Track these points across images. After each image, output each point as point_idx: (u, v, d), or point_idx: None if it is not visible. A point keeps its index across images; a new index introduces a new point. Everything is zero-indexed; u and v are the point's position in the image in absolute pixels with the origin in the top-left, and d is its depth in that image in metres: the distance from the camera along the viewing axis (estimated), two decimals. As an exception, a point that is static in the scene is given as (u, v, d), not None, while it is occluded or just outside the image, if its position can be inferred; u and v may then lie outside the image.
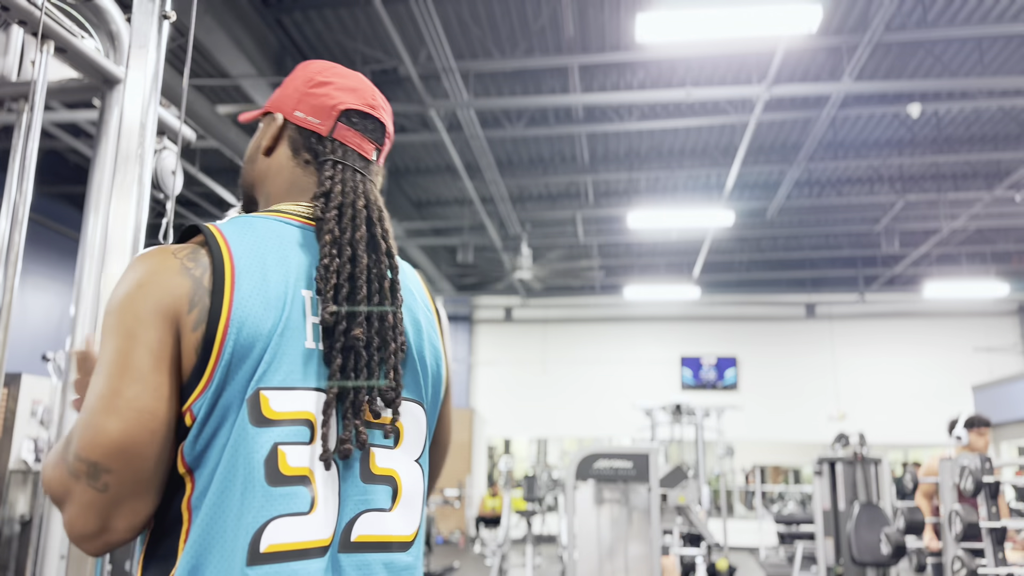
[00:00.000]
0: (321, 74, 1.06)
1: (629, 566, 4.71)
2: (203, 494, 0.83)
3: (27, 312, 9.13)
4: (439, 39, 6.13)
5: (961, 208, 9.70)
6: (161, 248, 0.91)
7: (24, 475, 7.51)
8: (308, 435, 0.87)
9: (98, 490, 0.81)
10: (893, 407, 13.22)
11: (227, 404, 0.84)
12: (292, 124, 1.05)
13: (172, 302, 0.84)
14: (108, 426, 0.80)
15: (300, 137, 1.04)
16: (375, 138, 1.07)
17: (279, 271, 0.90)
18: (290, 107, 1.05)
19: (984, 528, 3.66)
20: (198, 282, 0.86)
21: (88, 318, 1.48)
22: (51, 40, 1.45)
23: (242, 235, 0.91)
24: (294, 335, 0.89)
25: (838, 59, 6.83)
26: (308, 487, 0.86)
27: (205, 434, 0.83)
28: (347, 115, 1.04)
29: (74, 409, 0.91)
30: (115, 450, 0.80)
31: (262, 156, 1.06)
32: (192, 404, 0.83)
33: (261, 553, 0.81)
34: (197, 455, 0.84)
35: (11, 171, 1.46)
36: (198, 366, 0.84)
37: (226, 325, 0.84)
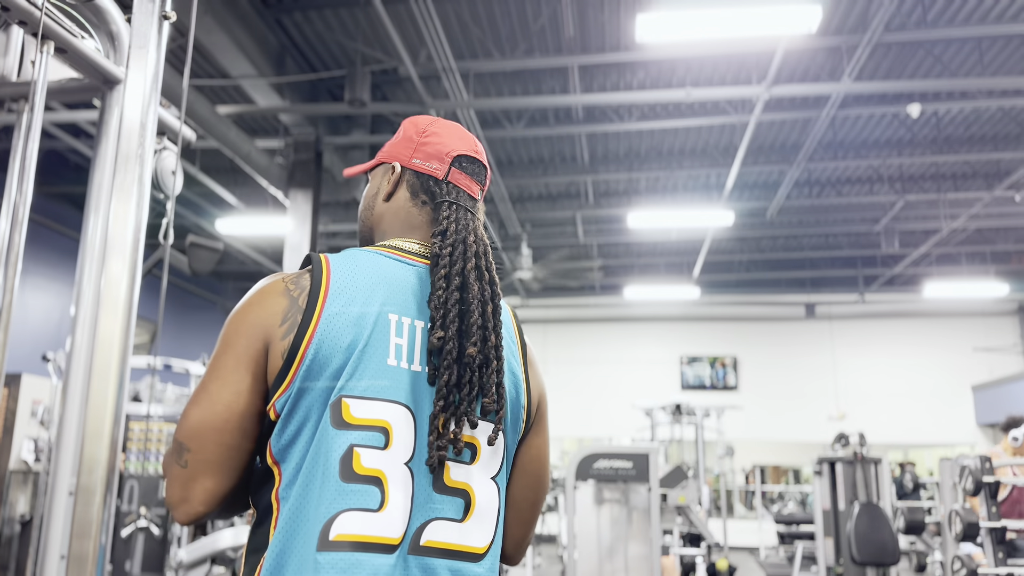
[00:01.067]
0: (432, 126, 1.20)
1: (629, 566, 4.71)
2: (289, 485, 0.95)
3: (27, 312, 9.13)
4: (439, 39, 6.13)
5: (961, 208, 9.70)
6: (277, 274, 1.07)
7: (24, 475, 7.51)
8: (383, 441, 0.97)
9: (181, 466, 0.97)
10: (893, 407, 13.22)
11: (309, 406, 0.96)
12: (410, 171, 1.18)
13: (267, 317, 1.00)
14: (191, 413, 0.97)
15: (418, 181, 1.17)
16: (479, 180, 1.21)
17: (367, 295, 1.03)
18: (407, 156, 1.18)
19: (984, 528, 3.67)
20: (294, 301, 1.01)
21: (88, 318, 1.48)
22: (51, 40, 1.46)
23: (344, 265, 1.05)
24: (376, 352, 1.00)
25: (838, 59, 6.83)
26: (379, 487, 0.95)
27: (289, 431, 0.96)
28: (458, 160, 1.18)
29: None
30: (192, 432, 0.96)
31: (381, 201, 1.19)
32: (276, 401, 0.97)
33: (330, 540, 0.91)
34: (282, 448, 0.97)
35: (11, 171, 1.46)
36: (283, 370, 0.97)
37: (310, 338, 0.97)
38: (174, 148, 1.82)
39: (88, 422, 1.43)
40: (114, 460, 1.46)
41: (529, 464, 1.17)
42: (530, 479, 1.17)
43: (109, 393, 1.46)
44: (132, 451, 5.68)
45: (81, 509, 1.41)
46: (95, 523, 1.41)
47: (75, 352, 1.47)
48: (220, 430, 0.96)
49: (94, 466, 1.43)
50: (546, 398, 1.20)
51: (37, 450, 7.63)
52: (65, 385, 1.46)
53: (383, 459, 0.96)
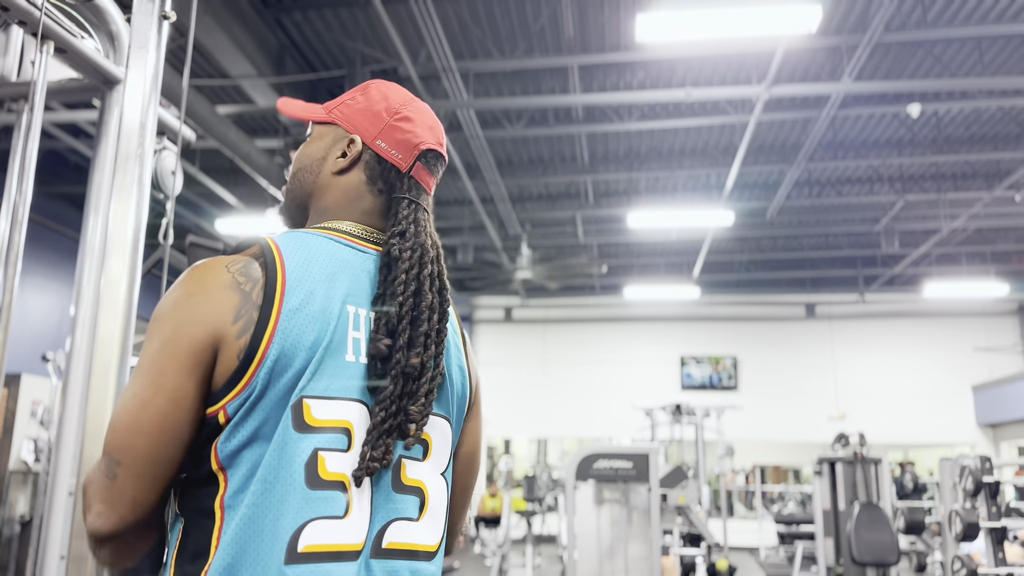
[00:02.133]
0: (405, 107, 1.10)
1: (629, 566, 4.71)
2: (239, 492, 0.87)
3: (27, 312, 9.13)
4: (439, 39, 6.13)
5: (961, 208, 9.70)
6: (216, 260, 0.95)
7: (24, 475, 7.51)
8: (346, 443, 0.92)
9: (108, 478, 0.87)
10: (893, 407, 13.22)
11: (268, 408, 0.89)
12: (372, 151, 1.07)
13: (216, 315, 0.90)
14: (122, 422, 0.88)
15: (379, 168, 1.07)
16: (436, 174, 1.13)
17: (326, 288, 0.95)
18: (372, 134, 1.08)
19: (984, 528, 3.67)
20: (247, 296, 0.91)
21: (88, 318, 1.48)
22: (51, 40, 1.46)
23: (297, 251, 0.96)
24: (337, 348, 0.94)
25: (838, 59, 6.83)
26: (344, 492, 0.90)
27: (241, 434, 0.88)
28: (424, 155, 1.09)
29: None
30: (123, 444, 0.87)
31: (329, 173, 1.08)
32: (227, 404, 0.89)
33: (299, 553, 0.86)
34: (230, 454, 0.88)
35: (11, 171, 1.46)
36: (238, 371, 0.89)
37: (271, 336, 0.89)
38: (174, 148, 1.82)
39: (88, 422, 1.43)
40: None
41: (464, 448, 1.15)
42: (464, 464, 1.15)
43: (109, 393, 1.46)
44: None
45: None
46: (95, 523, 1.41)
47: (75, 352, 1.47)
48: (156, 442, 0.87)
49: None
50: (480, 383, 1.18)
51: (37, 450, 7.63)
52: (65, 385, 1.46)
53: (346, 462, 0.91)
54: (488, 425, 14.37)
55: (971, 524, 3.71)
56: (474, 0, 6.22)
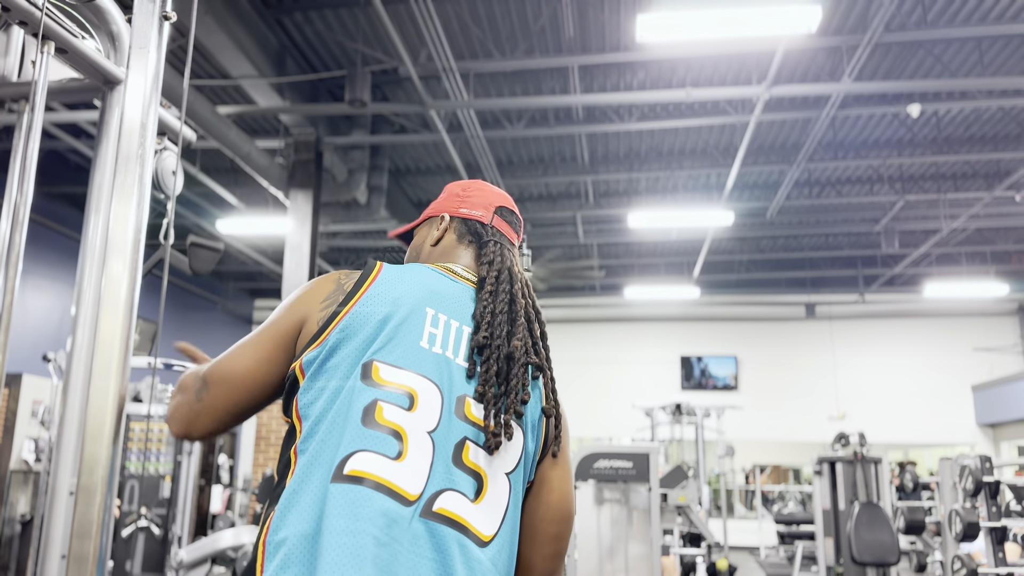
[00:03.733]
0: (472, 185, 1.39)
1: (629, 566, 4.71)
2: (309, 437, 1.01)
3: (28, 312, 9.14)
4: (439, 39, 6.14)
5: (961, 208, 9.70)
6: (345, 270, 1.18)
7: (25, 475, 7.52)
8: (408, 403, 1.03)
9: (196, 398, 1.11)
10: (893, 407, 13.21)
11: (339, 363, 1.04)
12: (458, 219, 1.33)
13: (312, 298, 1.13)
14: (224, 364, 1.12)
15: (465, 227, 1.32)
16: (517, 230, 1.38)
17: (407, 289, 1.14)
18: (454, 208, 1.34)
19: (984, 528, 3.67)
20: (341, 287, 1.13)
21: (89, 318, 1.48)
22: (51, 41, 1.46)
23: (394, 268, 1.18)
24: (411, 332, 1.09)
25: (838, 59, 6.83)
26: (399, 440, 1.00)
27: (316, 387, 1.04)
28: (500, 210, 1.35)
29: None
30: (217, 379, 1.11)
31: (429, 247, 1.33)
32: (304, 357, 1.06)
33: (344, 474, 0.96)
34: (307, 404, 1.04)
35: (12, 172, 1.47)
36: (317, 333, 1.07)
37: (348, 310, 1.09)
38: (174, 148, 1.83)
39: (88, 422, 1.44)
40: (115, 460, 1.46)
41: (554, 495, 1.17)
42: (556, 512, 1.17)
43: (109, 393, 1.46)
44: (132, 451, 5.69)
45: (81, 509, 1.41)
46: (95, 523, 1.41)
47: (76, 352, 1.47)
48: (237, 388, 1.10)
49: (94, 466, 1.43)
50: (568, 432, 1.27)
51: (37, 450, 7.63)
52: (66, 385, 1.46)
53: (406, 418, 1.01)
54: (488, 425, 14.36)
55: (971, 524, 3.71)
56: (474, 0, 6.22)
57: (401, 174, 9.84)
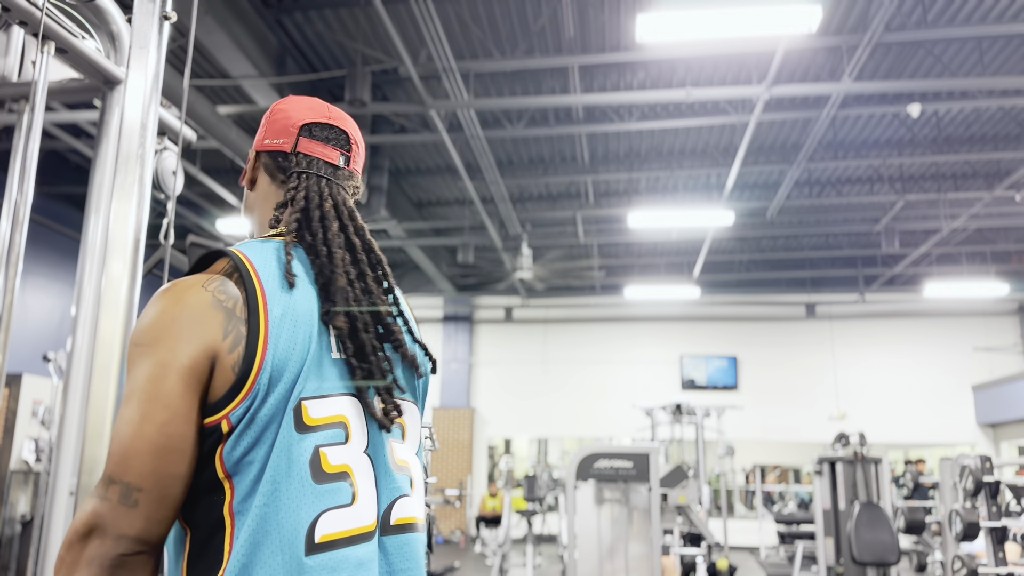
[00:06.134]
0: (279, 104, 1.16)
1: (629, 566, 4.71)
2: (247, 497, 0.90)
3: (28, 312, 9.14)
4: (439, 39, 6.13)
5: (961, 208, 9.70)
6: (189, 281, 0.97)
7: (25, 475, 7.52)
8: (344, 436, 0.97)
9: (128, 507, 0.87)
10: (893, 407, 13.21)
11: (269, 415, 0.92)
12: (263, 152, 1.14)
13: (207, 334, 0.92)
14: (135, 448, 0.88)
15: (271, 160, 1.13)
16: (339, 145, 1.15)
17: (297, 293, 0.99)
18: (259, 140, 1.15)
19: (984, 528, 3.67)
20: (231, 313, 0.94)
21: (89, 318, 1.48)
22: (52, 41, 1.46)
23: (263, 261, 0.99)
24: (322, 346, 0.98)
25: (838, 59, 6.83)
26: (348, 482, 0.95)
27: (245, 441, 0.91)
28: (307, 129, 1.13)
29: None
30: (148, 471, 0.87)
31: (248, 192, 1.16)
32: (230, 413, 0.91)
33: (316, 543, 0.90)
34: (236, 460, 0.91)
35: (12, 172, 1.47)
36: (237, 381, 0.91)
37: (264, 346, 0.93)
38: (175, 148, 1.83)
39: (89, 422, 1.44)
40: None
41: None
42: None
43: (110, 393, 1.46)
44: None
45: (82, 509, 1.41)
46: (96, 523, 1.41)
47: (76, 352, 1.48)
48: (169, 461, 0.88)
49: (94, 466, 1.43)
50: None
51: (38, 450, 7.63)
52: (66, 385, 1.47)
53: (346, 453, 0.96)
54: (488, 425, 14.37)
55: (971, 524, 3.71)
56: (474, 0, 6.22)
57: (401, 174, 9.84)
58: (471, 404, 14.31)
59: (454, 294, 13.56)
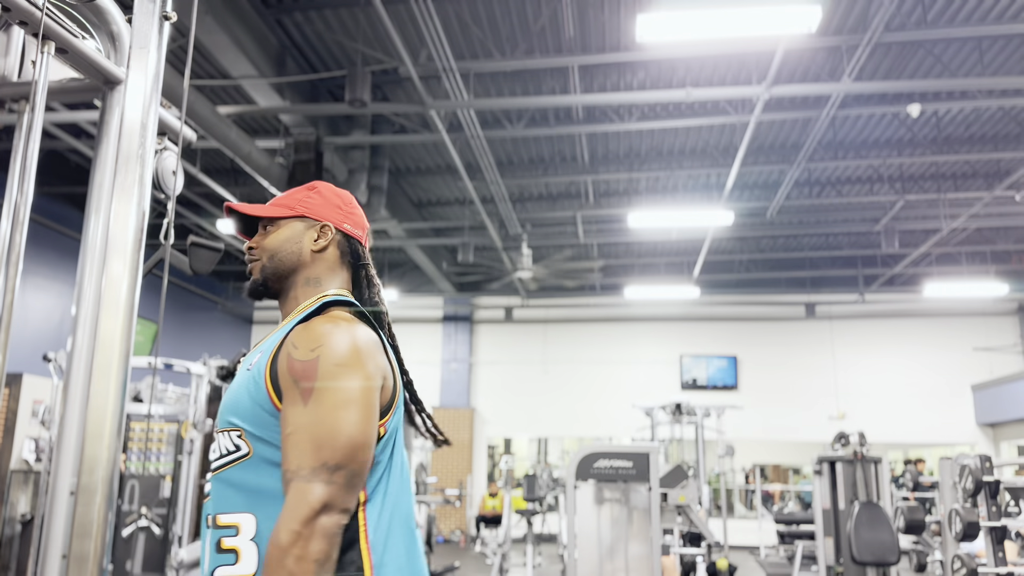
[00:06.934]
0: (352, 201, 1.48)
1: (629, 565, 4.71)
2: (376, 486, 1.22)
3: (28, 312, 9.14)
4: (439, 39, 6.14)
5: (961, 208, 9.70)
6: (354, 321, 1.27)
7: (25, 475, 7.52)
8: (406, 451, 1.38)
9: (351, 488, 1.16)
10: (893, 407, 13.21)
11: (396, 426, 1.29)
12: (341, 232, 1.42)
13: (381, 363, 1.26)
14: (358, 442, 1.18)
15: (348, 244, 1.43)
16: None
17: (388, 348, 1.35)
18: (339, 220, 1.43)
19: (984, 528, 3.67)
20: (383, 350, 1.29)
21: (89, 318, 1.48)
22: (52, 41, 1.46)
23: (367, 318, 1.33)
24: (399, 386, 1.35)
25: (838, 59, 6.83)
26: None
27: (383, 444, 1.25)
28: (369, 232, 1.51)
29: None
30: (364, 460, 1.19)
31: (311, 251, 1.39)
32: (386, 423, 1.25)
33: (414, 524, 1.28)
34: (378, 454, 1.23)
35: (12, 171, 1.47)
36: (389, 401, 1.27)
37: (395, 377, 1.31)
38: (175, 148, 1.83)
39: (89, 422, 1.44)
40: (115, 460, 1.46)
41: None
42: None
43: (110, 393, 1.46)
44: (133, 451, 5.69)
45: (82, 509, 1.41)
46: (96, 523, 1.42)
47: (76, 352, 1.48)
48: (372, 453, 1.20)
49: (95, 466, 1.43)
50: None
51: (38, 450, 7.64)
52: (66, 385, 1.47)
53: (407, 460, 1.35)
54: (488, 424, 14.38)
55: (971, 523, 3.71)
56: (474, 0, 6.22)
57: (401, 174, 9.84)
58: (471, 404, 14.32)
59: (454, 294, 13.56)
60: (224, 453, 1.22)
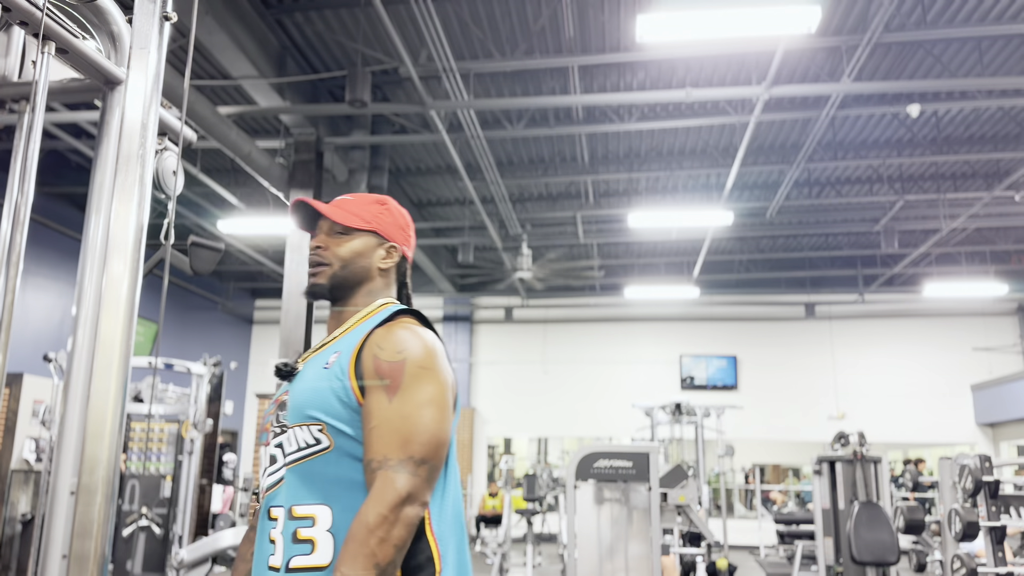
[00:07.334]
0: (412, 224, 1.57)
1: (629, 565, 4.72)
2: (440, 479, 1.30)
3: (29, 312, 9.14)
4: (439, 40, 6.14)
5: (960, 208, 9.70)
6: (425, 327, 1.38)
7: (26, 475, 7.52)
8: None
9: (431, 481, 1.25)
10: (893, 407, 13.21)
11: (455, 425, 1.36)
12: (401, 255, 1.53)
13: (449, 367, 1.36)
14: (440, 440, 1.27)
15: (403, 266, 1.55)
16: None
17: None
18: (403, 243, 1.53)
19: (983, 528, 3.67)
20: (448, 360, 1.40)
21: (90, 318, 1.48)
22: (52, 41, 1.46)
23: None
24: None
25: (837, 59, 6.83)
26: None
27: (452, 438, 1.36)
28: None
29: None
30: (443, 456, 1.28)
31: (379, 267, 1.49)
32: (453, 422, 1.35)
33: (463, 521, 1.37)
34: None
35: (13, 172, 1.47)
36: (453, 405, 1.34)
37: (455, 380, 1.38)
38: (175, 148, 1.83)
39: (89, 422, 1.44)
40: (116, 460, 1.47)
41: None
42: None
43: (110, 393, 1.47)
44: (133, 451, 5.69)
45: (82, 509, 1.41)
46: (96, 523, 1.42)
47: (76, 352, 1.48)
48: (447, 446, 1.29)
49: (95, 466, 1.43)
50: None
51: (38, 450, 7.64)
52: (66, 385, 1.47)
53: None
54: (488, 424, 14.38)
55: (971, 523, 3.71)
56: (474, 0, 6.22)
57: (401, 174, 9.84)
58: (471, 404, 14.32)
59: (454, 294, 13.56)
60: (303, 446, 1.26)
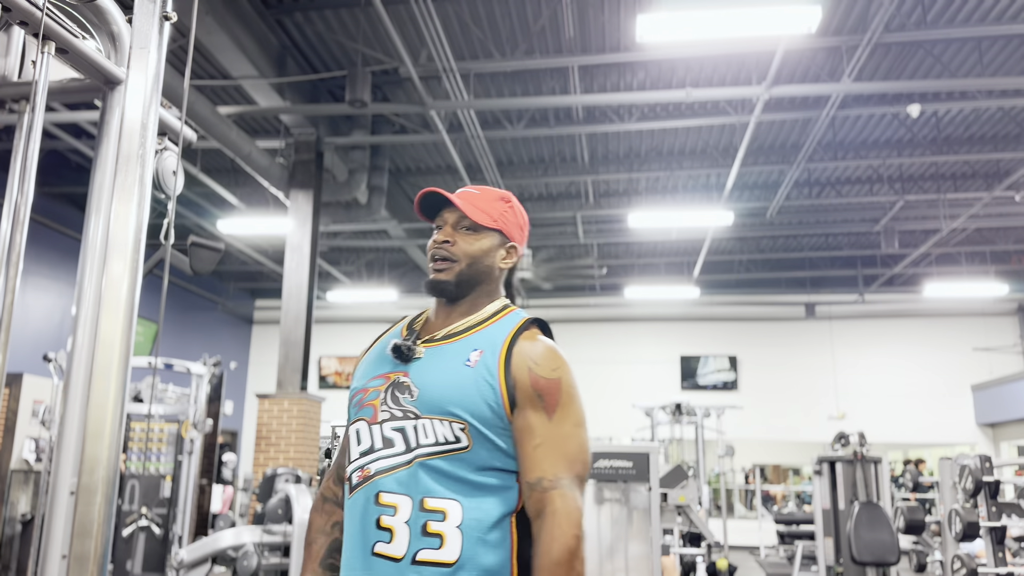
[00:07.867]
0: (528, 223, 1.54)
1: (629, 565, 4.71)
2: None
3: (29, 312, 9.14)
4: (439, 40, 6.14)
5: (961, 208, 9.70)
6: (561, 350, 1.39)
7: (25, 475, 7.52)
8: None
9: (583, 495, 1.29)
10: (893, 407, 13.21)
11: None
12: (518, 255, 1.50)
13: None
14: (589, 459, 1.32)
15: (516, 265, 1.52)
16: None
17: None
18: (522, 244, 1.51)
19: (984, 528, 3.67)
20: None
21: (90, 318, 1.48)
22: (52, 41, 1.46)
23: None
24: None
25: (838, 59, 6.83)
26: None
27: None
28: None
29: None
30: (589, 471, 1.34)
31: (498, 266, 1.46)
32: None
33: None
34: None
35: (12, 171, 1.47)
36: None
37: None
38: (175, 148, 1.83)
39: (89, 422, 1.44)
40: (115, 460, 1.46)
41: None
42: None
43: (110, 393, 1.47)
44: (133, 451, 5.69)
45: (82, 508, 1.41)
46: (96, 523, 1.42)
47: (76, 352, 1.48)
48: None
49: (95, 466, 1.43)
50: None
51: (38, 450, 7.64)
52: (66, 385, 1.47)
53: None
54: (488, 425, 14.37)
55: (971, 523, 3.71)
56: (474, 1, 6.22)
57: (401, 174, 9.84)
58: (471, 404, 14.29)
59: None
60: (441, 441, 1.26)
